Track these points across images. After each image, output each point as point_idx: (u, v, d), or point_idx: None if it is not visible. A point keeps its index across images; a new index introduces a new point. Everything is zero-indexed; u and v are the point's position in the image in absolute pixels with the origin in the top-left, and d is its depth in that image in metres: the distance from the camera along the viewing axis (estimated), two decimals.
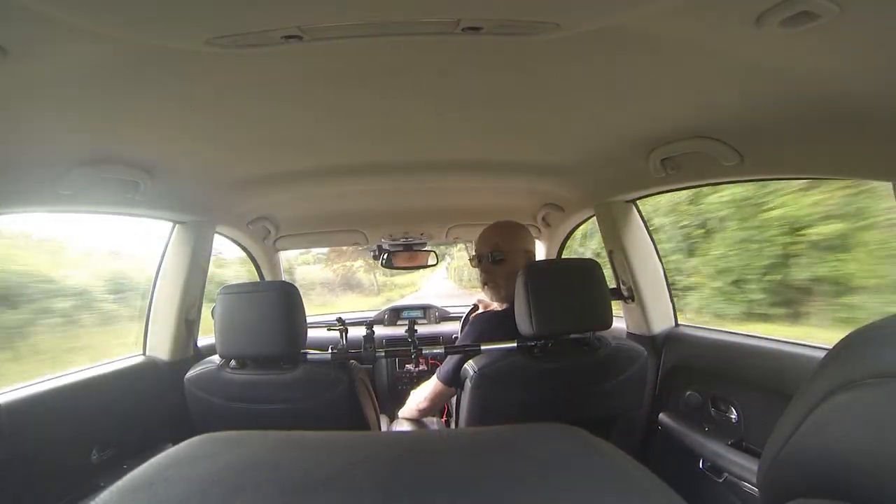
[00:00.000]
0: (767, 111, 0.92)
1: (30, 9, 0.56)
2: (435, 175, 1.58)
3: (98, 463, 1.17)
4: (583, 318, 1.18)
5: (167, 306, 1.53)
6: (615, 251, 1.65)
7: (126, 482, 0.32)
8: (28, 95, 0.78)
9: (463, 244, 3.06)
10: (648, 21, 0.66)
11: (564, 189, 1.72)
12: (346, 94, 0.94)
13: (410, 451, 0.38)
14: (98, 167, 1.09)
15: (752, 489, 1.08)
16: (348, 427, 1.22)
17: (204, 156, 1.25)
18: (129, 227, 2.59)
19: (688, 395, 1.38)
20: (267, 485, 0.31)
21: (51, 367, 1.69)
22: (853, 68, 0.72)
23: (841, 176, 1.24)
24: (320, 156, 1.36)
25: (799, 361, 1.09)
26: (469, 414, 1.15)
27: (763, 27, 0.63)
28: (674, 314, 1.62)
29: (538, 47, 0.74)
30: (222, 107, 0.95)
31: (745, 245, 2.59)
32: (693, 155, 1.17)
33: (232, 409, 1.21)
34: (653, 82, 0.89)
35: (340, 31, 0.67)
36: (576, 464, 0.35)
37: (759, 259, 2.51)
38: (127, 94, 0.84)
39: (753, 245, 2.54)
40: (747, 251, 2.58)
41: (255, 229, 1.93)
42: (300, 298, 1.23)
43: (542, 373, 1.16)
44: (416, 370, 2.18)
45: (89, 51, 0.68)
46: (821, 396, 0.38)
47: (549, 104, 1.03)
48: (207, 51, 0.69)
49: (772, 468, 0.43)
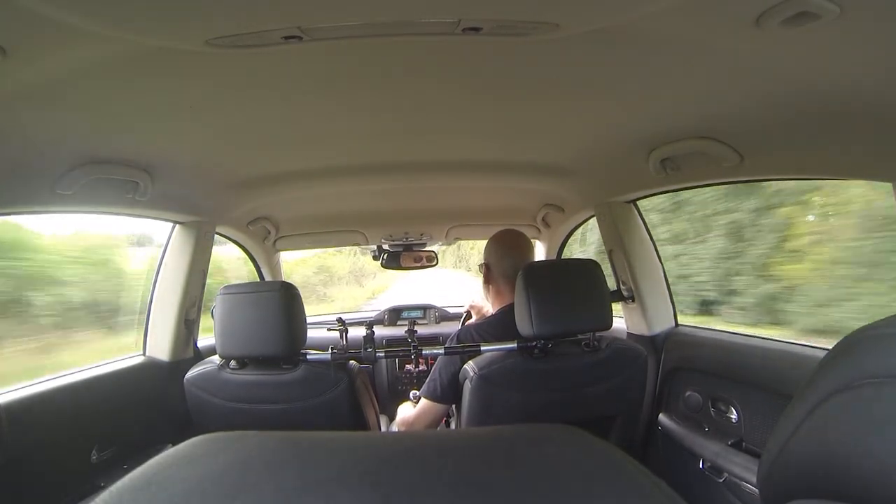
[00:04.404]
0: (767, 111, 0.92)
1: (30, 9, 0.56)
2: (435, 175, 1.58)
3: (98, 463, 1.17)
4: (583, 318, 1.18)
5: (167, 306, 1.53)
6: (615, 251, 1.65)
7: (126, 482, 0.32)
8: (28, 95, 0.78)
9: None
10: (648, 21, 0.66)
11: (564, 189, 1.72)
12: (345, 94, 0.94)
13: (410, 451, 0.38)
14: (98, 167, 1.09)
15: (753, 489, 1.08)
16: (348, 427, 1.22)
17: (204, 156, 1.25)
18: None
19: (688, 395, 1.38)
20: (267, 485, 0.31)
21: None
22: (853, 68, 0.72)
23: (841, 176, 1.24)
24: (320, 156, 1.36)
25: (799, 361, 1.09)
26: (469, 414, 1.15)
27: (763, 27, 0.63)
28: (674, 314, 1.62)
29: (538, 47, 0.74)
30: (222, 107, 0.95)
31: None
32: (693, 155, 1.17)
33: (232, 409, 1.21)
34: (653, 82, 0.89)
35: (340, 31, 0.67)
36: (576, 464, 0.35)
37: None
38: (127, 94, 0.84)
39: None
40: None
41: (255, 229, 1.93)
42: (300, 299, 1.23)
43: (542, 373, 1.16)
44: (416, 370, 2.18)
45: (89, 51, 0.68)
46: (821, 397, 0.38)
47: (549, 104, 1.03)
48: (207, 51, 0.69)
49: (772, 468, 0.43)
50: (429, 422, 1.32)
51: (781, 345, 1.20)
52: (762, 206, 2.41)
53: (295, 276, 6.88)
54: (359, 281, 12.92)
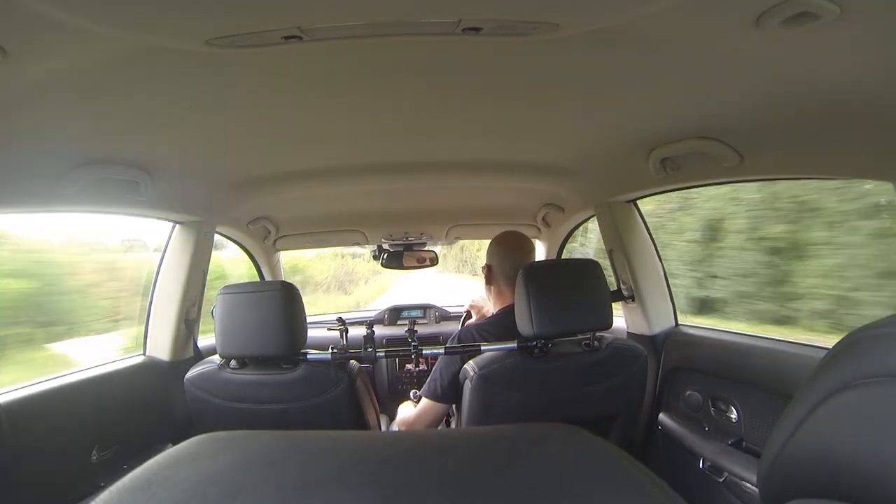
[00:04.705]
0: (767, 111, 0.91)
1: (30, 9, 0.56)
2: (435, 175, 1.58)
3: (98, 463, 1.17)
4: (583, 318, 1.18)
5: (167, 306, 1.53)
6: (615, 251, 1.65)
7: (126, 482, 0.32)
8: (28, 96, 0.77)
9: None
10: (648, 21, 0.66)
11: (564, 189, 1.72)
12: (345, 94, 0.94)
13: (410, 451, 0.38)
14: (98, 167, 1.09)
15: (753, 489, 1.08)
16: (348, 427, 1.22)
17: (204, 156, 1.25)
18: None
19: (688, 394, 1.38)
20: (267, 485, 0.31)
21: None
22: (853, 68, 0.72)
23: (841, 176, 1.24)
24: (320, 156, 1.36)
25: (799, 361, 1.09)
26: (469, 414, 1.15)
27: (763, 27, 0.63)
28: (674, 314, 1.62)
29: (538, 47, 0.74)
30: (222, 107, 0.95)
31: None
32: (693, 155, 1.17)
33: (232, 409, 1.21)
34: (653, 82, 0.89)
35: (340, 31, 0.67)
36: (576, 464, 0.35)
37: None
38: (127, 94, 0.84)
39: None
40: None
41: (255, 229, 1.93)
42: (300, 298, 1.23)
43: (543, 373, 1.16)
44: (416, 370, 2.18)
45: (89, 51, 0.68)
46: (821, 396, 0.38)
47: (549, 104, 1.03)
48: (207, 51, 0.69)
49: (772, 468, 0.43)
50: (429, 421, 1.32)
51: (781, 344, 1.20)
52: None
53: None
54: (343, 288, 11.44)
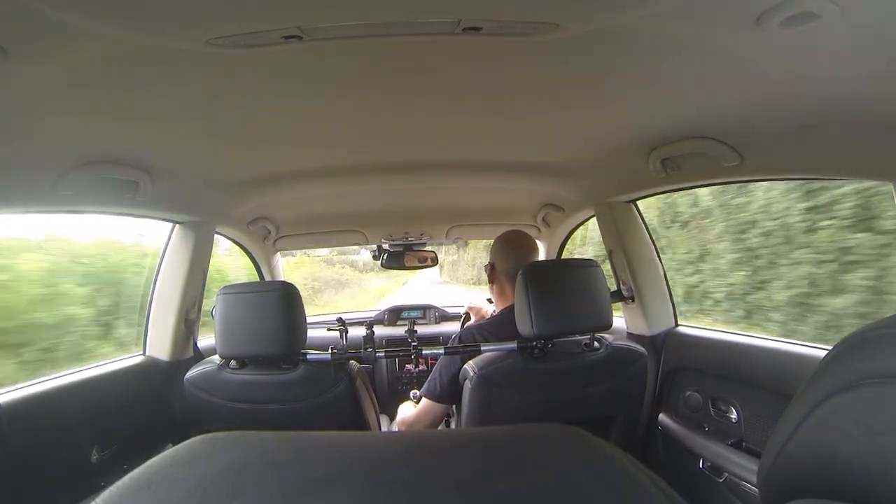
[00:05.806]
0: (767, 111, 0.92)
1: (30, 9, 0.56)
2: (435, 175, 1.58)
3: (98, 463, 1.17)
4: (583, 318, 1.18)
5: (167, 306, 1.53)
6: (615, 251, 1.65)
7: (126, 482, 0.32)
8: (28, 95, 0.77)
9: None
10: (648, 21, 0.66)
11: (564, 189, 1.72)
12: (345, 94, 0.94)
13: (410, 451, 0.38)
14: (98, 167, 1.09)
15: (752, 489, 1.08)
16: (348, 427, 1.22)
17: (204, 156, 1.25)
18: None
19: (688, 395, 1.38)
20: (267, 485, 0.31)
21: None
22: (853, 68, 0.72)
23: (841, 176, 1.24)
24: (320, 156, 1.36)
25: (799, 361, 1.10)
26: (469, 414, 1.15)
27: (763, 27, 0.63)
28: (674, 314, 1.62)
29: (538, 47, 0.74)
30: (222, 107, 0.95)
31: None
32: (693, 155, 1.17)
33: (232, 409, 1.21)
34: (653, 82, 0.89)
35: (340, 31, 0.67)
36: (576, 464, 0.35)
37: None
38: (127, 94, 0.84)
39: None
40: None
41: (255, 229, 1.93)
42: (300, 298, 1.23)
43: (542, 373, 1.16)
44: (416, 370, 2.18)
45: (89, 51, 0.68)
46: (821, 397, 0.38)
47: (549, 104, 1.03)
48: (207, 51, 0.69)
49: (772, 468, 0.43)
50: (429, 421, 1.32)
51: (781, 345, 1.20)
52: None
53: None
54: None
